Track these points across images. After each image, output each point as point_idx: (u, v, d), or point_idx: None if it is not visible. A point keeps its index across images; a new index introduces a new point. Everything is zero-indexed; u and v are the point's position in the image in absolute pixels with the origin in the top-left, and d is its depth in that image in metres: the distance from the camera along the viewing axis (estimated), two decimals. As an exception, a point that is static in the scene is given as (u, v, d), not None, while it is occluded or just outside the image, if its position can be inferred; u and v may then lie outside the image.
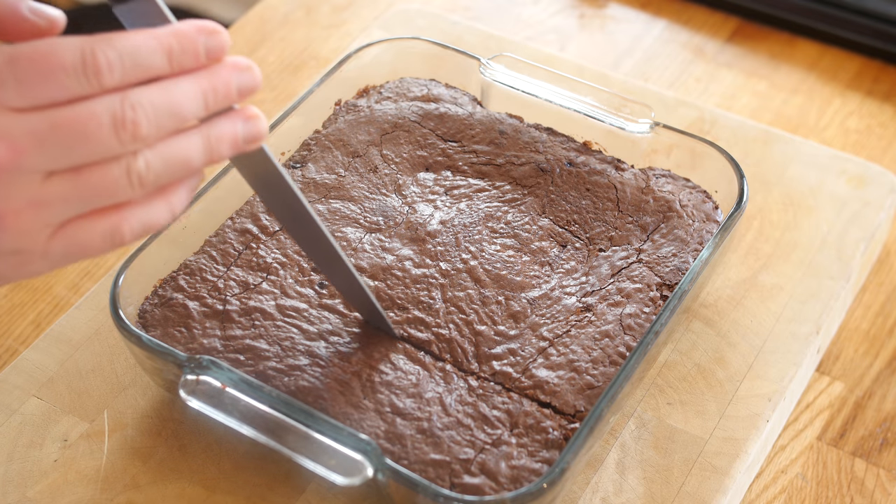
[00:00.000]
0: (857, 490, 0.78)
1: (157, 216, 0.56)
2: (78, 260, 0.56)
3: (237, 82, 0.55)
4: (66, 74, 0.50)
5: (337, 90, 0.90)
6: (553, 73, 0.87)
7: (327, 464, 0.64)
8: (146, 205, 0.55)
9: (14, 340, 0.86)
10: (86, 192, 0.53)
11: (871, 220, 0.89)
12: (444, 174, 0.85)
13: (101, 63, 0.51)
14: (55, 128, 0.51)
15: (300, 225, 0.67)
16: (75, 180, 0.52)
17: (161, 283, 0.77)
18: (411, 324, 0.75)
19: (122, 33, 0.52)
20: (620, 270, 0.78)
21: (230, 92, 0.55)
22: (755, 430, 0.76)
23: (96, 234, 0.55)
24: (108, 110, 0.51)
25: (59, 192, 0.52)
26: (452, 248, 0.79)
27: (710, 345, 0.80)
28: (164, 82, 0.53)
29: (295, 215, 0.66)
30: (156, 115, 0.52)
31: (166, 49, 0.53)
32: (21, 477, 0.73)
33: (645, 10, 1.16)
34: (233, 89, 0.55)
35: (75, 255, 0.55)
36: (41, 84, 0.51)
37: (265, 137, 0.58)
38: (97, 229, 0.55)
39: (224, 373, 0.68)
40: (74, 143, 0.51)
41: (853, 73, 1.09)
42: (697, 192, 0.83)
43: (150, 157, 0.53)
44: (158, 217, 0.56)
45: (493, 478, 0.67)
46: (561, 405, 0.71)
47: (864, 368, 0.85)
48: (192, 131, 0.55)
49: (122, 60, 0.51)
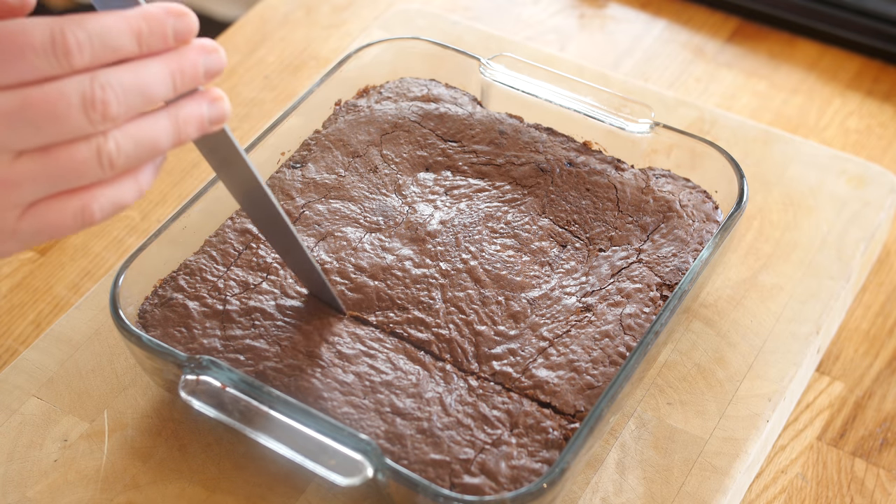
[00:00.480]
0: (857, 490, 0.78)
1: (125, 195, 0.57)
2: (48, 240, 0.57)
3: (204, 64, 0.57)
4: (35, 54, 0.51)
5: (337, 90, 0.90)
6: (553, 73, 0.87)
7: (327, 464, 0.64)
8: (115, 184, 0.56)
9: (14, 340, 0.86)
10: (56, 172, 0.53)
11: (871, 220, 0.89)
12: (444, 174, 0.85)
13: (71, 44, 0.51)
14: (25, 107, 0.51)
15: (257, 204, 0.68)
16: (45, 161, 0.53)
17: (161, 283, 0.77)
18: (411, 324, 0.75)
19: (92, 14, 0.53)
20: (620, 270, 0.78)
21: (197, 73, 0.56)
22: (755, 430, 0.76)
23: (66, 213, 0.55)
24: (78, 90, 0.52)
25: (29, 172, 0.53)
26: (452, 248, 0.79)
27: (710, 345, 0.80)
28: (132, 63, 0.54)
29: (252, 194, 0.67)
30: (125, 95, 0.53)
31: (135, 31, 0.54)
32: (21, 477, 0.73)
33: (645, 10, 1.16)
34: (200, 71, 0.57)
35: (45, 235, 0.56)
36: (10, 64, 0.51)
37: (229, 118, 0.60)
38: (67, 209, 0.55)
39: (224, 373, 0.68)
40: (44, 123, 0.52)
41: (853, 73, 1.09)
42: (697, 192, 0.83)
43: (120, 139, 0.54)
44: (127, 196, 0.57)
45: (493, 478, 0.67)
46: (561, 405, 0.71)
47: (864, 368, 0.85)
48: (160, 113, 0.56)
49: (91, 41, 0.52)
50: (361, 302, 0.76)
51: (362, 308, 0.76)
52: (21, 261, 0.91)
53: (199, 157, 0.99)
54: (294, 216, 0.81)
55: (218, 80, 1.06)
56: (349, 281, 0.77)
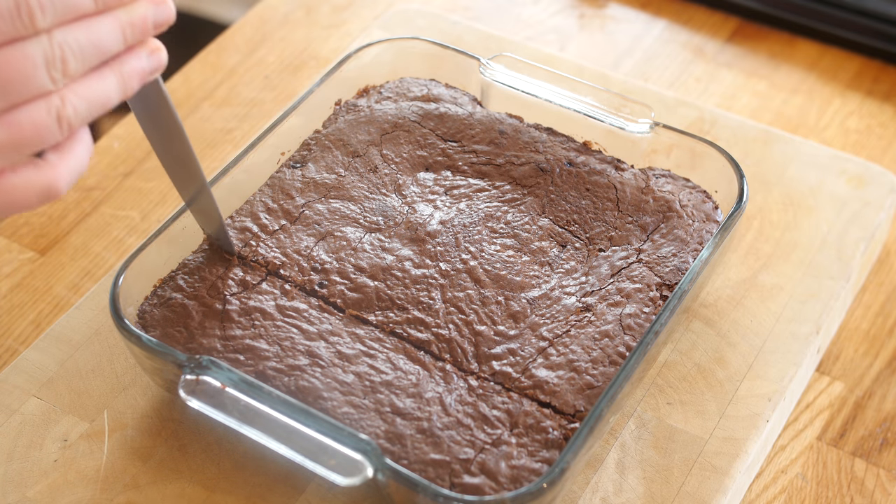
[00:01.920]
0: (857, 490, 0.78)
1: (82, 158, 0.59)
2: (10, 214, 0.58)
3: (153, 16, 0.59)
4: (2, 20, 0.53)
5: (337, 90, 0.90)
6: (553, 73, 0.87)
7: (327, 464, 0.64)
8: (71, 151, 0.58)
9: (14, 340, 0.86)
10: (17, 136, 0.55)
11: (871, 220, 0.89)
12: (444, 174, 0.85)
13: (34, 6, 0.53)
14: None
15: (176, 148, 0.70)
16: (7, 126, 0.55)
17: (161, 283, 0.77)
18: (411, 324, 0.75)
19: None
20: (620, 270, 0.78)
21: (147, 26, 0.59)
22: (755, 429, 0.76)
23: (31, 190, 0.57)
24: (41, 51, 0.54)
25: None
26: (452, 249, 0.79)
27: (710, 345, 0.80)
28: (85, 21, 0.56)
29: (173, 136, 0.69)
30: (81, 52, 0.55)
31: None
32: (21, 477, 0.73)
33: (645, 10, 1.16)
34: (149, 23, 0.59)
35: (7, 209, 0.57)
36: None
37: (165, 68, 0.62)
38: (32, 185, 0.57)
39: (224, 373, 0.68)
40: (9, 85, 0.54)
41: (853, 73, 1.09)
42: (697, 192, 0.83)
43: (74, 100, 0.56)
44: (83, 158, 0.59)
45: (493, 478, 0.67)
46: (561, 405, 0.71)
47: (864, 368, 0.85)
48: (107, 71, 0.58)
49: (53, 3, 0.54)
50: (361, 302, 0.76)
51: (362, 308, 0.76)
52: (21, 261, 0.91)
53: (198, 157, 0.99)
54: (294, 216, 0.81)
55: (218, 80, 1.06)
56: (349, 281, 0.77)
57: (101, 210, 0.95)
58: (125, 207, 0.95)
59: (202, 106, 1.04)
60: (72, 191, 0.96)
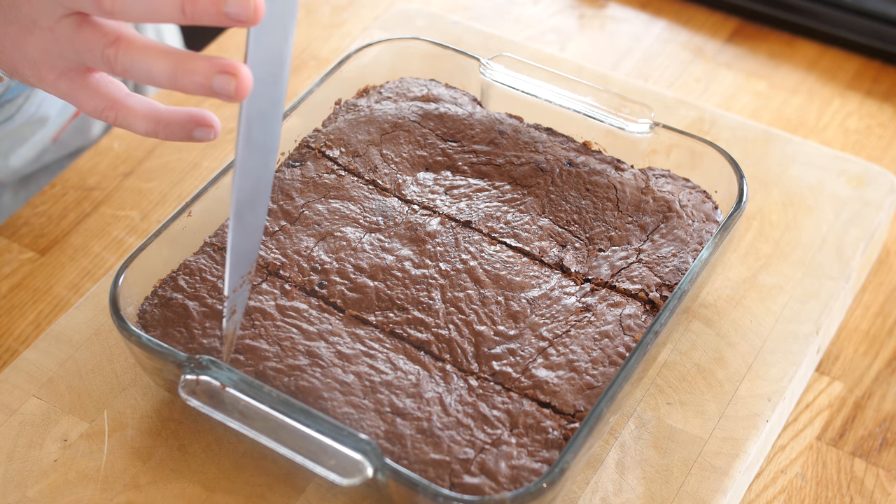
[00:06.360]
0: (856, 490, 0.78)
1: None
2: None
3: (229, 9, 0.60)
4: None
5: (337, 90, 0.90)
6: (553, 74, 0.87)
7: (327, 464, 0.64)
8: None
9: (14, 340, 0.86)
10: (78, 45, 0.64)
11: (870, 220, 0.89)
12: (444, 174, 0.85)
13: None
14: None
15: (261, 169, 0.68)
16: (76, 30, 0.64)
17: (161, 283, 0.77)
18: (411, 324, 0.75)
19: None
20: (620, 270, 0.78)
21: (210, 10, 0.60)
22: (755, 430, 0.76)
23: (96, 100, 0.67)
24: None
25: (65, 32, 0.65)
26: (452, 249, 0.79)
27: (709, 345, 0.80)
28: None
29: (265, 159, 0.67)
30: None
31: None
32: (21, 477, 0.73)
33: (645, 10, 1.16)
34: (217, 9, 0.60)
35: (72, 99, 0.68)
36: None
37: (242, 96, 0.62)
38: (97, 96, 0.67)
39: (224, 373, 0.68)
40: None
41: (853, 73, 1.09)
42: (697, 192, 0.83)
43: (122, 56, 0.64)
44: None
45: (493, 478, 0.67)
46: (561, 405, 0.71)
47: (864, 368, 0.85)
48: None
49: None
50: (361, 302, 0.76)
51: (362, 308, 0.76)
52: (21, 261, 0.91)
53: (198, 157, 0.99)
54: (294, 216, 0.81)
55: (218, 80, 1.06)
56: (349, 281, 0.77)
57: (101, 210, 0.95)
58: (125, 207, 0.95)
59: (202, 106, 1.04)
60: (72, 191, 0.97)
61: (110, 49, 0.64)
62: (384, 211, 0.82)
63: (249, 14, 0.59)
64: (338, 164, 0.83)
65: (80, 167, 0.99)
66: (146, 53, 0.63)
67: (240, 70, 0.60)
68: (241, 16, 0.59)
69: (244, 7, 0.59)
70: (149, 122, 0.67)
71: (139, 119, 0.67)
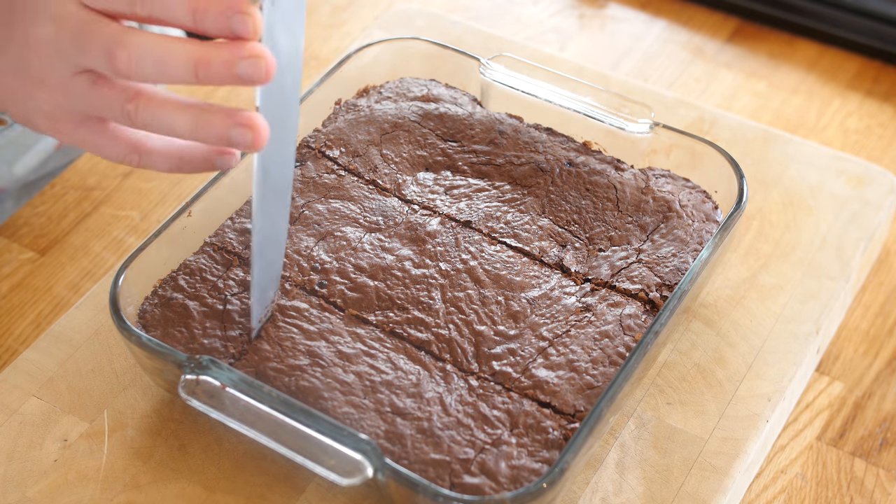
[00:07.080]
0: (856, 490, 0.78)
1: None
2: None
3: (240, 69, 0.61)
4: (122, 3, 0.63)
5: (337, 90, 0.90)
6: (553, 74, 0.87)
7: (327, 464, 0.64)
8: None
9: (14, 340, 0.86)
10: (96, 101, 0.66)
11: (870, 220, 0.89)
12: (444, 174, 0.85)
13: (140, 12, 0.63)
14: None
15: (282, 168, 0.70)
16: (91, 87, 0.65)
17: (161, 283, 0.77)
18: (411, 324, 0.75)
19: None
20: (620, 270, 0.78)
21: (223, 72, 0.62)
22: (755, 430, 0.76)
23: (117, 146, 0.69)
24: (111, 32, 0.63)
25: (80, 88, 0.66)
26: (452, 249, 0.79)
27: (709, 345, 0.81)
28: (161, 35, 0.62)
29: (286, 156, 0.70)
30: (139, 56, 0.62)
31: (193, 8, 0.61)
32: (21, 477, 0.73)
33: (645, 10, 1.16)
34: (229, 71, 0.61)
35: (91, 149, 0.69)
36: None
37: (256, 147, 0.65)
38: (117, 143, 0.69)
39: (224, 373, 0.68)
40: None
41: (853, 73, 1.09)
42: (697, 192, 0.83)
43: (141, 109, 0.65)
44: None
45: (493, 478, 0.67)
46: (561, 405, 0.71)
47: (864, 368, 0.85)
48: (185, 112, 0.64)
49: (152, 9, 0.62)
50: (361, 302, 0.76)
51: (362, 308, 0.76)
52: (21, 261, 0.91)
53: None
54: (294, 216, 0.81)
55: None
56: (349, 281, 0.77)
57: (101, 210, 0.95)
58: (125, 207, 0.95)
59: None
60: (72, 191, 0.97)
61: (130, 105, 0.65)
62: (384, 211, 0.82)
63: (261, 74, 0.61)
64: (338, 164, 0.83)
65: (80, 167, 0.99)
66: (166, 108, 0.64)
67: (256, 122, 0.63)
68: (254, 76, 0.61)
69: (256, 68, 0.61)
70: (172, 161, 0.69)
71: (162, 159, 0.69)
